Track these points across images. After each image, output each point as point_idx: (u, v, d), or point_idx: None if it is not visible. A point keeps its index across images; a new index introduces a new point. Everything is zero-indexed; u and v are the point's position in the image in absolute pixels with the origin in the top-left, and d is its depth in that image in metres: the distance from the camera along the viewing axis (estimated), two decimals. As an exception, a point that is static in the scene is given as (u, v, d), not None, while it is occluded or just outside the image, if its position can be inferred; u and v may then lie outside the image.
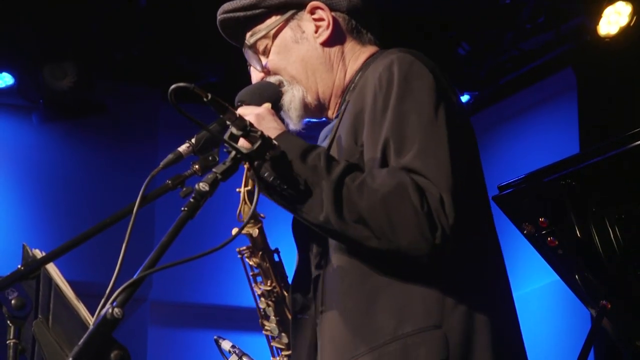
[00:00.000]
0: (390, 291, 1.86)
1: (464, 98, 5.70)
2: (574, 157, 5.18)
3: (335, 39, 2.10)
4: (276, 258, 2.07)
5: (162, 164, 1.80)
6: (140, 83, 5.87)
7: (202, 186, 1.70)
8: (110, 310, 1.50)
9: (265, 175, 1.82)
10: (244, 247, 1.99)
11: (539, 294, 5.29)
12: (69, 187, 5.95)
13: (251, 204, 1.84)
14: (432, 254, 1.79)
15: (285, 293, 2.03)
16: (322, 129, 2.17)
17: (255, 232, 1.94)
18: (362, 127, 1.92)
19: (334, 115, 2.11)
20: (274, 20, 2.12)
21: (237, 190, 1.93)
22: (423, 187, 1.80)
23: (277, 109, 2.06)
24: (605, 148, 5.28)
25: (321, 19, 2.10)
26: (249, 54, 2.15)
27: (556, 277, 3.45)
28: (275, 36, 2.11)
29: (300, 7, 2.11)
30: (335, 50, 2.10)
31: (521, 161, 5.49)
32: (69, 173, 5.99)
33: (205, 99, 1.72)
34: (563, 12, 5.19)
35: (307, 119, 2.13)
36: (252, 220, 1.96)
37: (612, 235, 3.26)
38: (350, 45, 2.11)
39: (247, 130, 1.77)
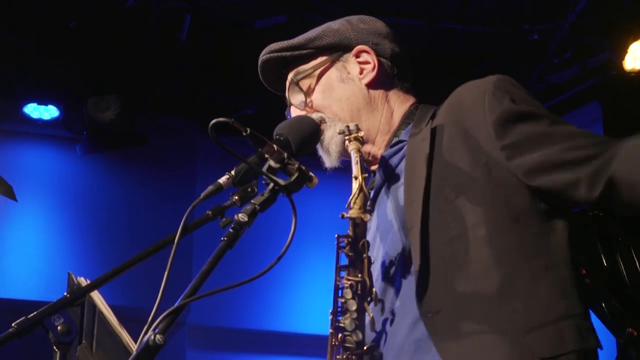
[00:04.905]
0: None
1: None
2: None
3: (379, 82, 2.14)
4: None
5: (202, 195, 1.79)
6: (179, 116, 5.94)
7: (241, 217, 1.74)
8: (152, 337, 1.53)
9: None
10: (345, 235, 1.87)
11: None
12: (111, 216, 6.05)
13: (367, 193, 1.82)
14: None
15: (374, 289, 1.91)
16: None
17: (367, 217, 1.85)
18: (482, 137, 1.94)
19: (380, 151, 2.12)
20: (320, 61, 2.16)
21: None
22: None
23: (313, 142, 2.06)
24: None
25: (366, 62, 2.15)
26: (291, 91, 2.17)
27: (582, 305, 3.48)
28: (320, 76, 2.15)
29: (347, 49, 2.16)
30: (379, 92, 2.14)
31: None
32: (110, 202, 6.09)
33: (244, 133, 1.75)
34: (589, 48, 5.23)
35: (343, 158, 2.13)
36: (362, 206, 1.86)
37: (638, 264, 3.28)
38: (393, 90, 2.16)
39: (285, 162, 1.80)
